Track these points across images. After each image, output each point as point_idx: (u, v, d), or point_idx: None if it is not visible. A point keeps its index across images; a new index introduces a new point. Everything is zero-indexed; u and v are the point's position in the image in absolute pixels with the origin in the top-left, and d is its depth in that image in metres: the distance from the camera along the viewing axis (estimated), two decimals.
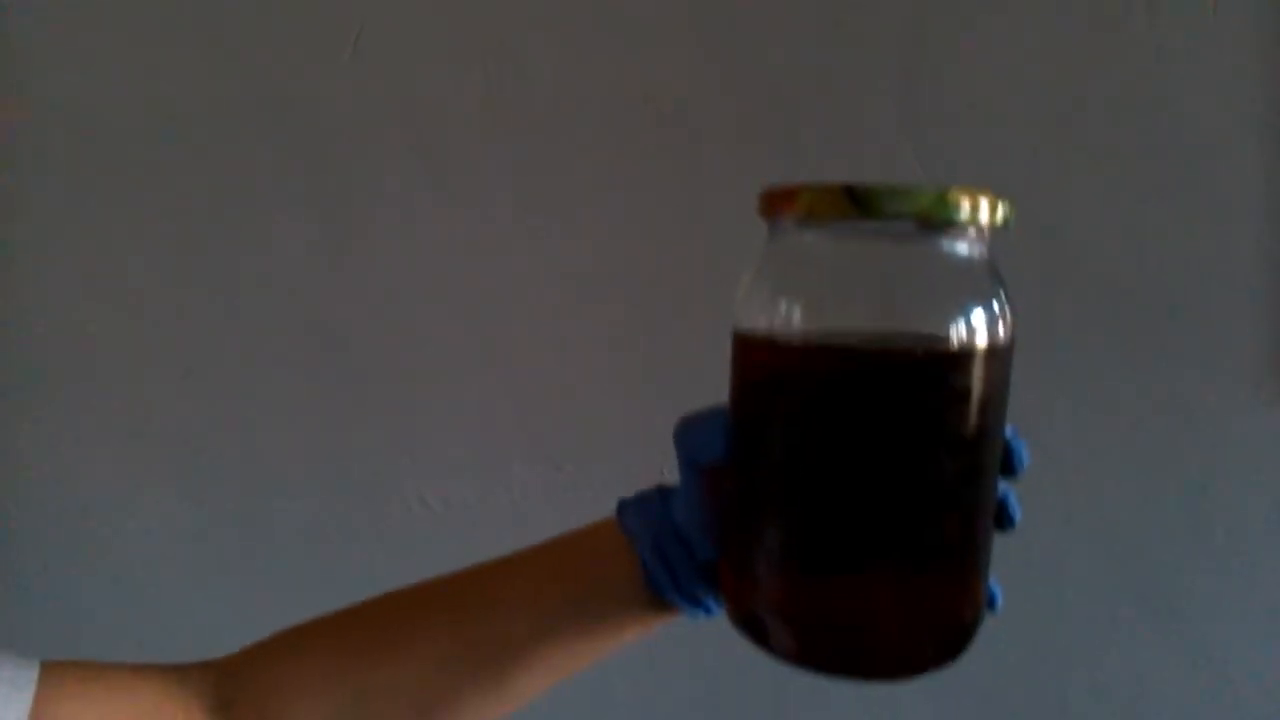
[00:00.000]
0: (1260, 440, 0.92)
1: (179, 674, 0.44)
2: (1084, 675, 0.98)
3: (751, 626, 0.40)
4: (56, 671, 0.41)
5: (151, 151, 0.94)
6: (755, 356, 0.39)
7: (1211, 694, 0.96)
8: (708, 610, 0.44)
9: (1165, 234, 0.91)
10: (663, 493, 0.44)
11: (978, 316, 0.37)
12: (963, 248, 0.37)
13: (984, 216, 0.36)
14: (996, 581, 0.43)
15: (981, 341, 0.36)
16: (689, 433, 0.42)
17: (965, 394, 0.36)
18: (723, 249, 0.87)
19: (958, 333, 0.36)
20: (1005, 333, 0.38)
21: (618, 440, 0.94)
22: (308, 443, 0.98)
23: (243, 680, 0.44)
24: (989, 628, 0.42)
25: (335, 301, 0.96)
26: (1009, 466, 0.41)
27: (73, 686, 0.40)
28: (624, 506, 0.45)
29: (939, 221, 0.36)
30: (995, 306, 0.37)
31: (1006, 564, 0.93)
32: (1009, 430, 0.41)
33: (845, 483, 0.37)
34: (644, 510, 0.44)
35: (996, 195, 0.37)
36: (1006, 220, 0.37)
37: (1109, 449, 0.94)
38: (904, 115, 0.91)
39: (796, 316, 0.37)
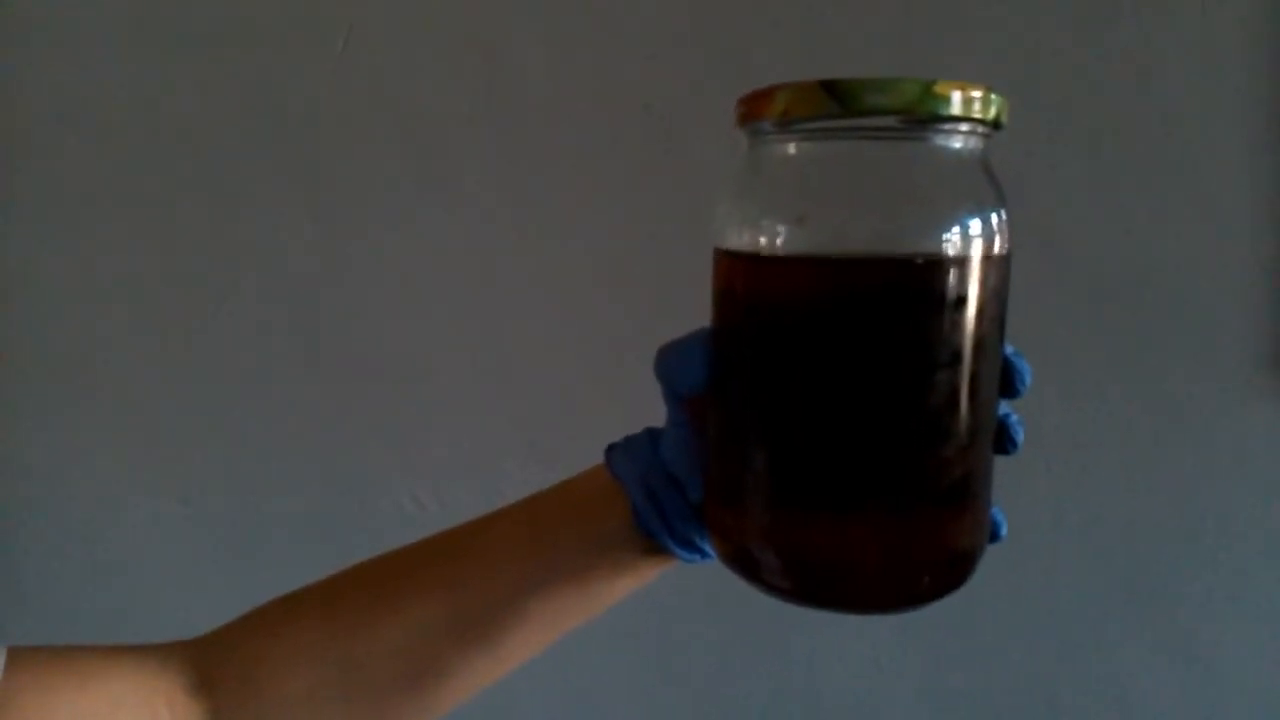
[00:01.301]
0: (1251, 437, 0.92)
1: (156, 654, 0.42)
2: (1073, 672, 0.96)
3: (742, 562, 0.38)
4: (24, 657, 0.38)
5: (143, 151, 0.94)
6: (733, 273, 0.37)
7: (1201, 691, 0.95)
8: (703, 553, 0.41)
9: (1156, 231, 0.91)
10: (652, 434, 0.42)
11: (972, 220, 0.34)
12: (954, 145, 0.35)
13: (976, 110, 0.34)
14: (1000, 509, 0.40)
15: (976, 247, 0.34)
16: (668, 361, 0.39)
17: (959, 304, 0.34)
18: None
19: (949, 238, 0.34)
20: (1002, 238, 0.35)
21: (612, 440, 0.92)
22: (301, 442, 0.98)
23: (224, 655, 0.42)
24: (980, 625, 0.39)
25: (327, 300, 0.95)
26: (1010, 387, 0.38)
27: (41, 672, 0.38)
28: (612, 450, 0.43)
29: (926, 116, 0.33)
30: (991, 209, 0.35)
31: (995, 561, 0.92)
32: (1008, 349, 0.39)
33: (832, 403, 0.34)
34: (632, 452, 0.42)
35: (989, 87, 0.35)
36: (999, 115, 0.35)
37: (1099, 445, 0.94)
38: None
39: (775, 227, 0.35)
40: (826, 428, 0.35)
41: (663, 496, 0.40)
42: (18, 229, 0.96)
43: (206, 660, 0.42)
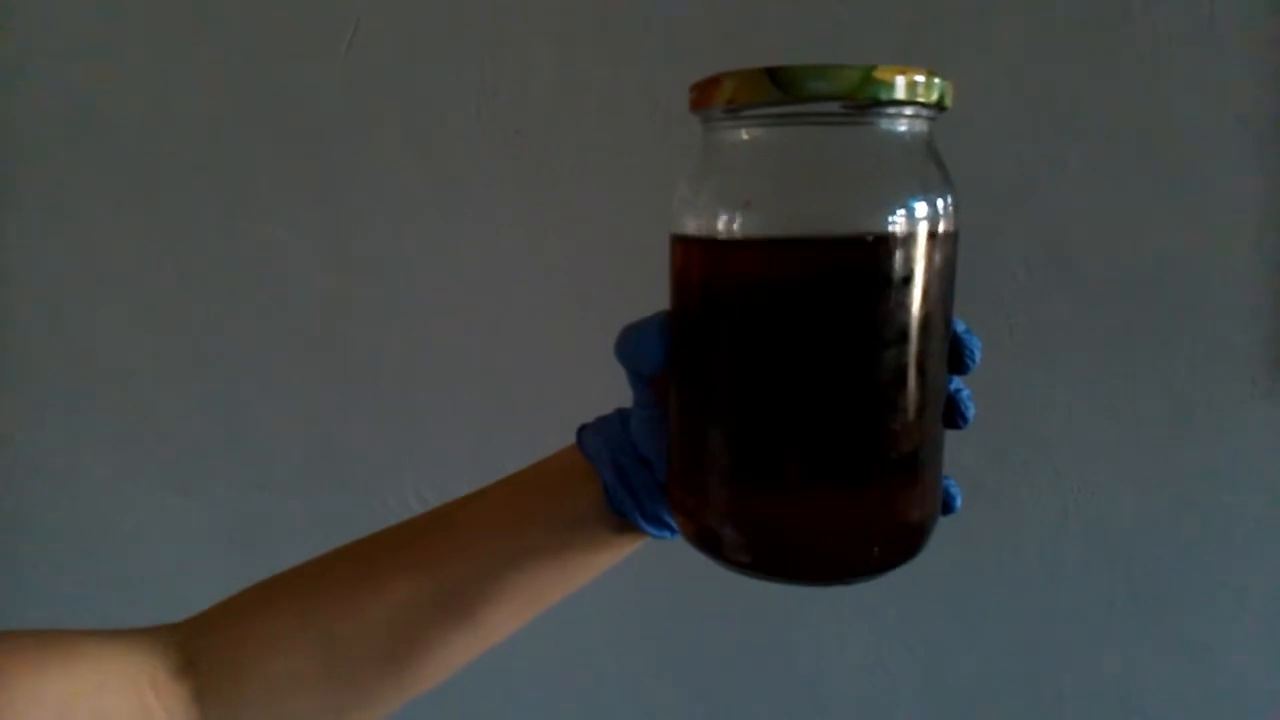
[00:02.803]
0: (1257, 436, 0.92)
1: (142, 637, 0.42)
2: (1079, 671, 0.96)
3: (703, 540, 0.39)
4: (11, 640, 0.39)
5: (148, 150, 0.96)
6: (686, 256, 0.38)
7: (1208, 691, 0.95)
8: (672, 530, 0.43)
9: (1163, 231, 0.91)
10: (622, 414, 0.44)
11: (916, 201, 0.35)
12: (898, 128, 0.36)
13: (917, 94, 0.35)
14: (955, 483, 0.41)
15: (920, 227, 0.35)
16: (628, 342, 0.40)
17: (904, 283, 0.35)
18: None
19: (893, 219, 0.35)
20: (946, 218, 0.36)
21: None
22: (305, 441, 0.98)
23: (208, 637, 0.43)
24: (982, 624, 0.39)
25: (331, 299, 0.96)
26: (959, 362, 0.39)
27: (29, 655, 0.39)
28: (584, 430, 0.44)
29: (867, 101, 0.34)
30: (935, 190, 0.36)
31: (1001, 558, 0.92)
32: (959, 325, 0.39)
33: (781, 381, 0.36)
34: (603, 431, 0.43)
35: (932, 71, 0.35)
36: (942, 98, 0.36)
37: (1105, 444, 0.93)
38: None
39: (725, 211, 0.36)
40: (776, 404, 0.36)
41: (633, 475, 0.42)
42: (22, 227, 0.98)
43: (191, 642, 0.42)
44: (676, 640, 0.97)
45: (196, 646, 0.42)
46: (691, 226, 0.37)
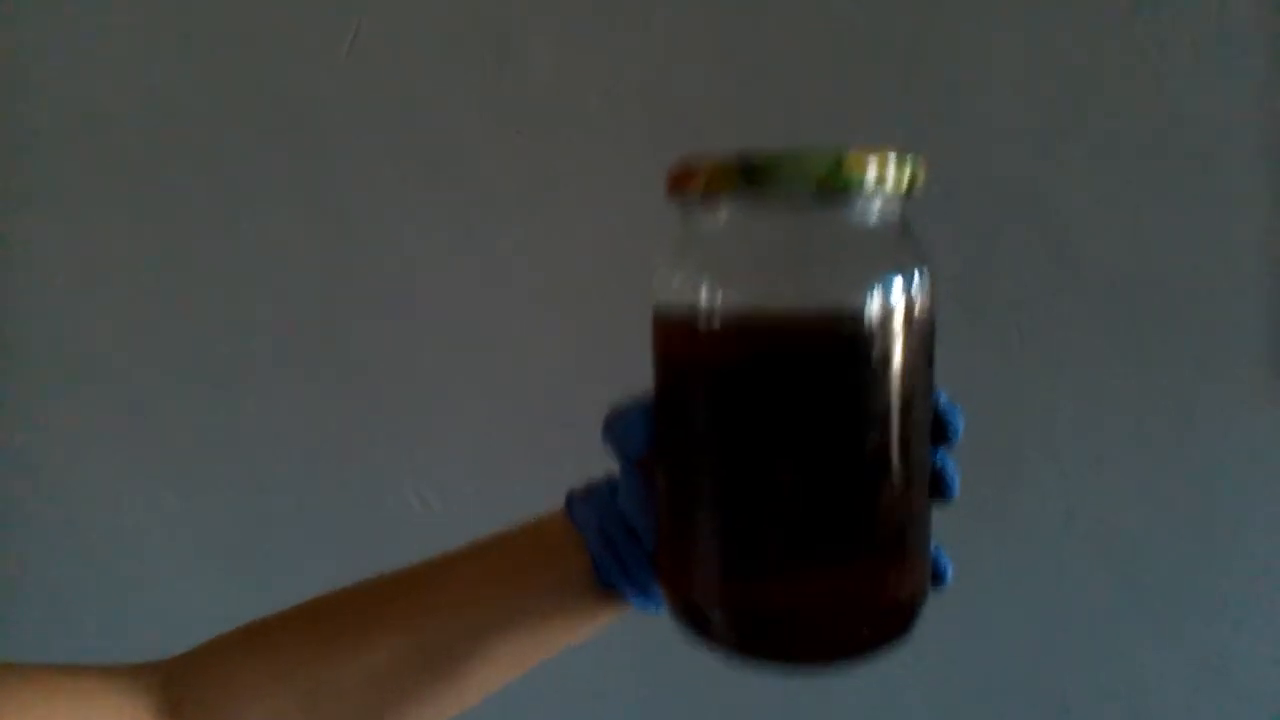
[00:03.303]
0: (1263, 438, 0.91)
1: (124, 676, 0.42)
2: (1085, 674, 0.96)
3: (690, 616, 0.39)
4: None
5: (147, 151, 0.95)
6: (667, 338, 0.39)
7: (1214, 694, 0.94)
8: (659, 604, 0.43)
9: (1168, 231, 0.90)
10: (611, 483, 0.44)
11: (891, 281, 0.35)
12: (869, 212, 0.36)
13: (888, 180, 0.34)
14: (946, 554, 0.41)
15: (893, 308, 0.35)
16: (614, 427, 0.41)
17: (882, 363, 0.35)
18: None
19: (867, 302, 0.35)
20: (921, 294, 0.36)
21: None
22: (305, 440, 0.98)
23: (191, 680, 0.43)
24: (986, 626, 0.39)
25: (332, 299, 0.96)
26: (942, 435, 0.39)
27: (12, 692, 0.39)
28: (572, 497, 0.45)
29: (838, 189, 0.34)
30: (910, 269, 0.36)
31: (1006, 560, 0.92)
32: (942, 398, 0.40)
33: (762, 464, 0.36)
34: (592, 500, 0.44)
35: (903, 154, 0.35)
36: (913, 182, 0.35)
37: (1111, 446, 0.93)
38: (906, 115, 0.90)
39: (703, 294, 0.36)
40: (758, 486, 0.36)
41: (620, 547, 0.42)
42: (19, 226, 0.97)
43: (172, 683, 0.42)
44: (675, 637, 0.97)
45: (179, 688, 0.42)
46: (670, 308, 0.38)
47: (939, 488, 0.39)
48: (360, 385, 0.97)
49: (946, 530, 0.40)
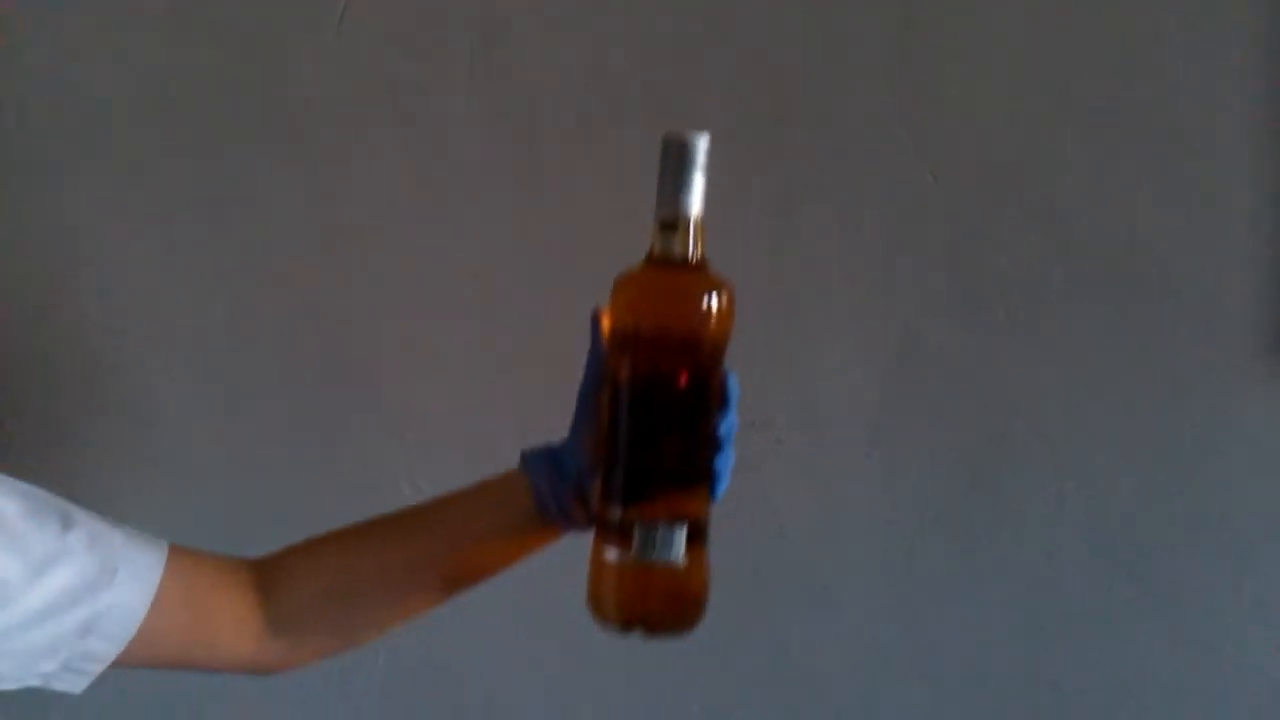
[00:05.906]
0: (1255, 421, 0.92)
1: (232, 559, 0.65)
2: (1076, 658, 0.96)
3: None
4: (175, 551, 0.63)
5: (134, 138, 0.94)
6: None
7: (1205, 676, 0.95)
8: (580, 528, 0.62)
9: (1159, 215, 0.91)
10: (550, 448, 0.64)
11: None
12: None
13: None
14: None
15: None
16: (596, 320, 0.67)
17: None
18: (721, 242, 0.85)
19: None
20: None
21: None
22: (300, 434, 0.98)
23: (273, 564, 0.65)
24: (979, 611, 0.40)
25: (325, 290, 0.96)
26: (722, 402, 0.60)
27: (188, 560, 0.63)
28: (525, 454, 0.65)
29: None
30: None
31: (998, 544, 0.93)
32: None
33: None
34: (539, 455, 0.64)
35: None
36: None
37: (1103, 429, 0.93)
38: (900, 101, 0.91)
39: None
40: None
41: (558, 488, 0.62)
42: (14, 223, 0.97)
43: (262, 565, 0.65)
44: (669, 646, 0.97)
45: (265, 569, 0.65)
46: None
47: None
48: (354, 378, 0.96)
49: (940, 510, 0.40)
